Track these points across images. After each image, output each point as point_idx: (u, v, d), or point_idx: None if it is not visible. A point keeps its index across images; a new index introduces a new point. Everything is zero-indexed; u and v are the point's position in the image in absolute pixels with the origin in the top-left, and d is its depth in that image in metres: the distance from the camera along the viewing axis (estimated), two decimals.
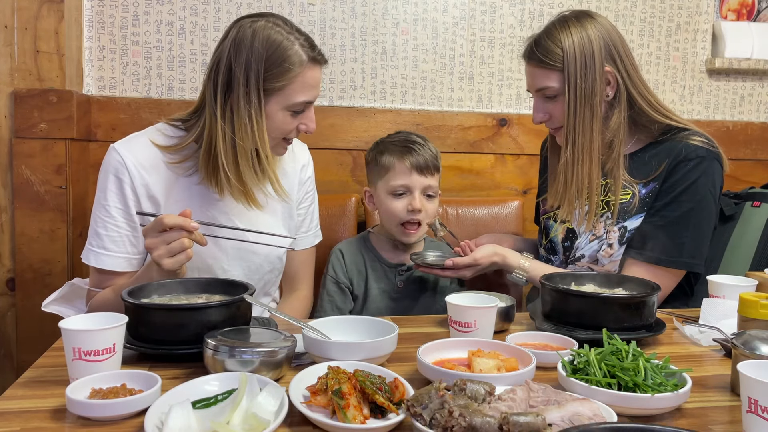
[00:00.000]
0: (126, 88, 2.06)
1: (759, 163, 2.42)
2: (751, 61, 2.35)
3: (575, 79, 1.44)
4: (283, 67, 1.30)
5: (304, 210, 1.60)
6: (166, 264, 1.15)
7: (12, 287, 1.88)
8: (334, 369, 0.88)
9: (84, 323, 0.94)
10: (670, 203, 1.46)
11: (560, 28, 1.47)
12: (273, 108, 1.33)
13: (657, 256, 1.45)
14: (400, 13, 2.17)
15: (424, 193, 1.56)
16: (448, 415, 0.74)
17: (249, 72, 1.28)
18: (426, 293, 1.63)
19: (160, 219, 1.15)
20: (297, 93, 1.32)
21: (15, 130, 1.84)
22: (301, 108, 1.35)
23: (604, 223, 1.52)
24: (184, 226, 1.15)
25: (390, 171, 1.55)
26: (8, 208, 1.87)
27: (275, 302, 1.61)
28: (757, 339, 0.98)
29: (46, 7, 1.84)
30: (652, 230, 1.47)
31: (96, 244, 1.36)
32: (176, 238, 1.15)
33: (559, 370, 0.94)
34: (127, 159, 1.35)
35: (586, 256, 1.54)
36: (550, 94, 1.49)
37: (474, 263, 1.49)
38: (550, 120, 1.53)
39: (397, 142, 1.57)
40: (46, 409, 0.87)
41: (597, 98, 1.45)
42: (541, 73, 1.48)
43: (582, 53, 1.44)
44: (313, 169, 1.63)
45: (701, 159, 1.45)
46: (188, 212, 1.18)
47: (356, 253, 1.63)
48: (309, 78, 1.34)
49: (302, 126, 1.37)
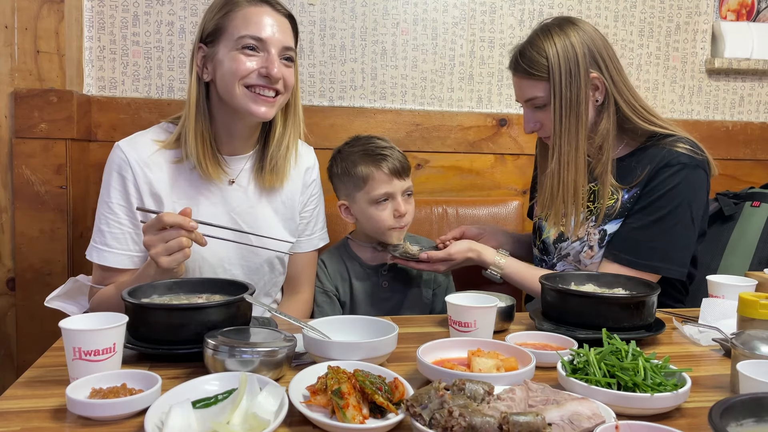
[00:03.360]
0: (126, 88, 2.06)
1: (759, 163, 2.42)
2: (750, 61, 2.35)
3: (560, 88, 1.44)
4: (225, 9, 1.35)
5: (308, 213, 1.59)
6: (162, 262, 1.15)
7: (12, 287, 1.89)
8: (334, 369, 0.88)
9: (84, 323, 0.94)
10: (646, 207, 1.46)
11: (543, 37, 1.47)
12: (222, 51, 1.35)
13: (628, 258, 1.45)
14: (400, 13, 2.17)
15: (404, 195, 1.56)
16: (448, 414, 0.74)
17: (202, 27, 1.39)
18: (412, 289, 1.63)
19: (159, 217, 1.16)
20: (240, 27, 1.33)
21: (15, 130, 1.84)
22: (251, 44, 1.33)
23: (586, 226, 1.52)
24: (183, 225, 1.15)
25: (369, 181, 1.53)
26: (8, 208, 1.87)
27: (276, 303, 1.61)
28: (757, 339, 0.98)
29: (47, 7, 1.84)
30: (626, 233, 1.47)
31: (99, 240, 1.37)
32: (174, 237, 1.15)
33: (559, 369, 0.94)
34: (131, 156, 1.36)
35: (570, 255, 1.56)
36: (538, 104, 1.49)
37: (448, 258, 1.51)
38: (541, 129, 1.53)
39: (367, 151, 1.55)
40: (46, 408, 0.87)
41: (583, 106, 1.45)
42: (528, 84, 1.49)
43: (566, 61, 1.44)
44: (318, 172, 1.63)
45: (683, 166, 1.44)
46: (188, 211, 1.18)
47: (338, 262, 1.64)
48: (252, 13, 1.34)
49: (262, 69, 1.34)
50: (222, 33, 1.35)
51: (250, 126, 1.43)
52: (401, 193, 1.55)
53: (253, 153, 1.49)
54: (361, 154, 1.55)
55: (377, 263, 1.62)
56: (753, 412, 0.69)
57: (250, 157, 1.49)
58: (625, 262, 1.45)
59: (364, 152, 1.55)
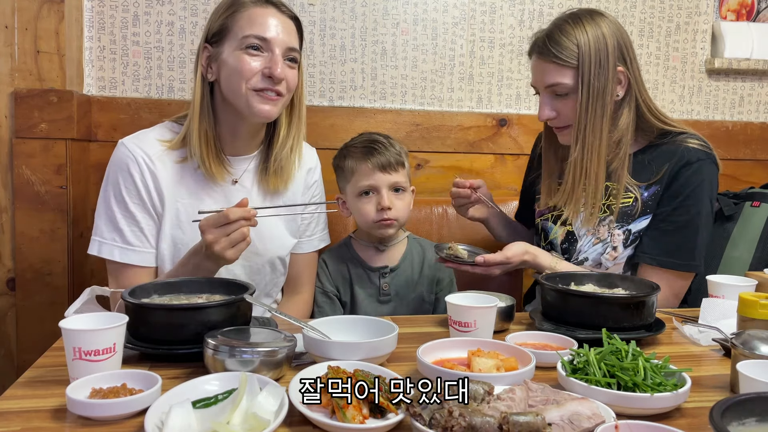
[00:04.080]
0: (126, 88, 2.06)
1: (759, 163, 2.42)
2: (750, 61, 2.35)
3: (589, 77, 1.43)
4: (230, 10, 1.36)
5: (309, 214, 1.60)
6: (229, 255, 1.19)
7: (12, 287, 1.89)
8: (334, 369, 0.88)
9: (84, 323, 0.94)
10: (677, 208, 1.47)
11: (573, 24, 1.45)
12: (227, 51, 1.35)
13: (671, 261, 1.46)
14: (400, 13, 2.17)
15: (392, 189, 1.54)
16: (448, 414, 0.74)
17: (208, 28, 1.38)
18: (413, 291, 1.62)
19: (225, 214, 1.18)
20: (244, 28, 1.34)
21: (15, 130, 1.84)
22: (255, 43, 1.34)
23: (607, 227, 1.52)
24: (246, 217, 1.19)
25: (355, 174, 1.54)
26: (8, 208, 1.87)
27: (276, 304, 1.61)
28: (757, 339, 0.98)
29: (47, 7, 1.84)
30: (663, 235, 1.48)
31: (120, 239, 1.37)
32: (236, 229, 1.18)
33: (559, 369, 0.94)
34: (137, 153, 1.37)
35: (590, 259, 1.54)
36: (561, 91, 1.47)
37: (506, 261, 1.43)
38: (557, 118, 1.50)
39: (359, 144, 1.56)
40: (46, 408, 0.87)
41: (608, 97, 1.44)
42: (553, 69, 1.46)
43: (597, 51, 1.43)
44: (320, 172, 1.63)
45: (702, 162, 1.47)
46: (245, 201, 1.21)
47: (339, 261, 1.63)
48: (256, 14, 1.35)
49: (266, 70, 1.35)
50: (227, 33, 1.35)
51: (253, 126, 1.44)
52: (387, 186, 1.53)
53: (257, 153, 1.49)
54: (353, 148, 1.57)
55: (379, 265, 1.61)
56: (755, 411, 0.69)
57: (254, 157, 1.49)
58: (669, 265, 1.47)
59: (356, 146, 1.56)
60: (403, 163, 1.57)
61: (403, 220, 1.58)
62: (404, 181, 1.57)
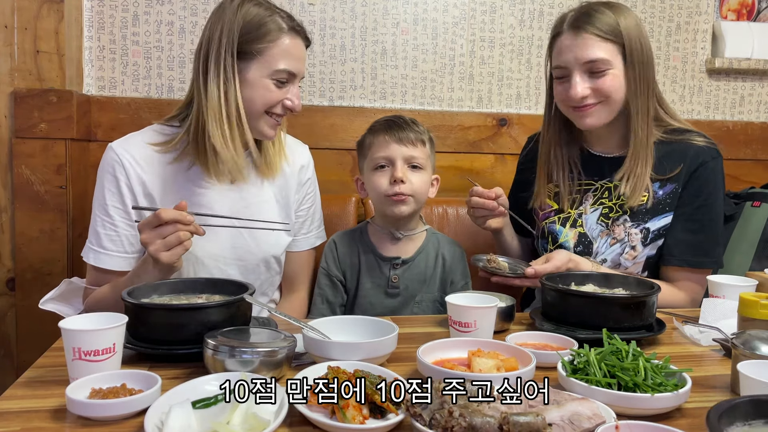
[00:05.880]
0: (126, 88, 2.06)
1: (759, 163, 2.42)
2: (751, 61, 2.35)
3: (634, 51, 1.44)
4: (262, 31, 1.33)
5: (304, 212, 1.59)
6: (163, 257, 1.16)
7: (12, 287, 1.88)
8: (334, 369, 0.88)
9: (84, 323, 0.94)
10: (700, 207, 1.49)
11: (609, 9, 1.46)
12: (254, 74, 1.34)
13: (702, 260, 1.49)
14: (400, 13, 2.17)
15: (408, 164, 1.48)
16: (448, 415, 0.74)
17: (223, 36, 1.32)
18: (424, 287, 1.54)
19: (157, 214, 1.16)
20: (278, 59, 1.34)
21: (15, 130, 1.84)
22: (284, 77, 1.36)
23: (623, 226, 1.52)
24: (180, 220, 1.16)
25: (372, 147, 1.51)
26: (8, 208, 1.87)
27: (274, 303, 1.61)
28: (757, 339, 0.98)
29: (46, 7, 1.84)
30: (689, 236, 1.49)
31: (95, 243, 1.37)
32: (172, 232, 1.16)
33: (559, 370, 0.94)
34: (124, 157, 1.37)
35: (609, 260, 1.53)
36: (599, 67, 1.43)
37: (555, 270, 1.36)
38: (591, 95, 1.46)
39: (382, 120, 1.54)
40: (46, 409, 0.87)
41: (652, 73, 1.48)
42: (596, 44, 1.43)
43: (637, 27, 1.46)
44: (313, 170, 1.63)
45: (716, 160, 1.51)
46: (184, 205, 1.19)
47: (350, 245, 1.57)
48: (290, 47, 1.36)
49: (287, 102, 1.37)
50: (257, 57, 1.34)
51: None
52: (402, 159, 1.47)
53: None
54: (376, 124, 1.54)
55: (392, 255, 1.54)
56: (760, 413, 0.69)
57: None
58: (698, 265, 1.49)
59: (379, 122, 1.54)
60: (424, 141, 1.51)
61: (419, 200, 1.50)
62: (423, 158, 1.50)
